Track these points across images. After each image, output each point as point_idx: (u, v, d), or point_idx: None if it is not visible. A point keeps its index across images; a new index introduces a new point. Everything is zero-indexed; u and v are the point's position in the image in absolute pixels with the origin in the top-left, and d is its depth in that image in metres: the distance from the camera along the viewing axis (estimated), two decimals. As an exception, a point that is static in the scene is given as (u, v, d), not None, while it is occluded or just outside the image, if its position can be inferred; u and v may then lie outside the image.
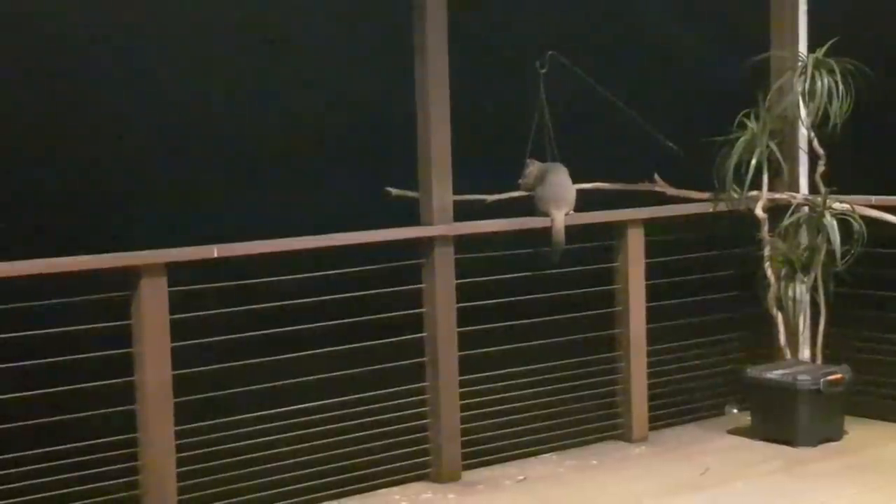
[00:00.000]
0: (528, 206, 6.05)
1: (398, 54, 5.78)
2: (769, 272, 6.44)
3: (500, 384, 5.91)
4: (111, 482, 4.85)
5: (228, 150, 7.38)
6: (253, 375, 5.16)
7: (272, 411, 5.26)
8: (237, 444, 5.17)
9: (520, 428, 5.99)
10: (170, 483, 4.94)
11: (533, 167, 6.10)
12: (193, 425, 5.02)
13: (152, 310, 4.88)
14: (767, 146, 6.39)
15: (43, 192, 6.77)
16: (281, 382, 5.23)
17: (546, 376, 6.05)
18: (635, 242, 6.21)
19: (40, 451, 4.72)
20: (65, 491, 4.75)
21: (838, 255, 6.18)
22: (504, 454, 5.95)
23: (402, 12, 5.61)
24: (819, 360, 6.42)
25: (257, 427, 5.24)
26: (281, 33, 7.30)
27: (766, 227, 6.46)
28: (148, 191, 7.11)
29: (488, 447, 5.88)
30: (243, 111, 7.34)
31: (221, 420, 5.13)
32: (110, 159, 6.99)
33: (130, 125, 7.04)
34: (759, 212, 6.45)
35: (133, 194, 7.09)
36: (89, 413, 4.79)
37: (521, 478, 5.76)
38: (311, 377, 5.30)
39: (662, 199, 6.48)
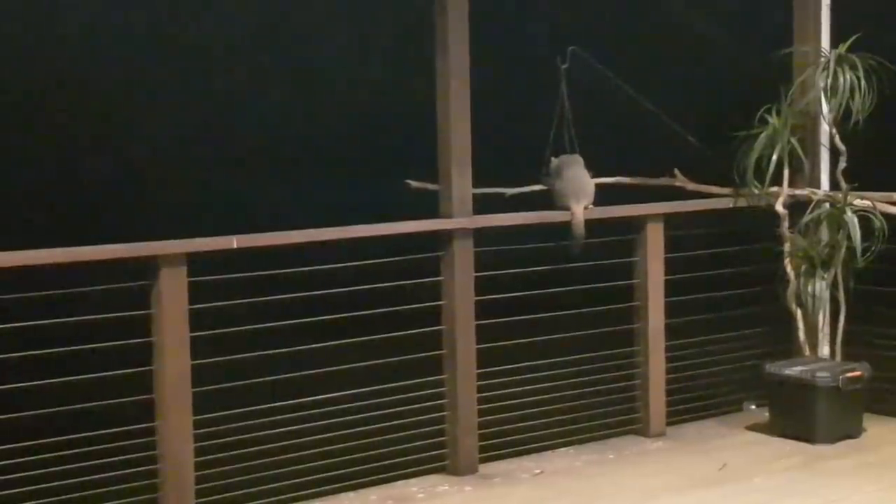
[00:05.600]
0: (549, 200, 6.04)
1: (420, 44, 5.77)
2: (789, 268, 6.42)
3: (517, 377, 5.91)
4: (129, 470, 4.87)
5: (250, 143, 7.39)
6: (271, 366, 5.16)
7: (290, 402, 5.27)
8: (255, 434, 5.18)
9: (537, 421, 5.99)
10: (188, 472, 4.95)
11: (553, 162, 6.11)
12: (212, 415, 5.03)
13: (172, 299, 4.89)
14: (789, 142, 6.37)
15: (63, 182, 6.80)
16: (299, 373, 5.24)
17: (564, 370, 6.04)
18: (655, 237, 6.20)
19: (59, 439, 4.74)
20: (83, 479, 4.77)
21: (859, 251, 6.15)
22: (521, 447, 5.95)
23: (423, 1, 5.60)
24: (838, 357, 6.40)
25: (275, 418, 5.24)
26: (300, 26, 7.31)
27: (786, 223, 6.44)
28: (168, 182, 7.14)
29: (505, 440, 5.88)
30: (264, 104, 7.35)
31: (240, 410, 5.14)
32: (135, 151, 7.02)
33: (153, 118, 7.07)
34: (779, 208, 6.43)
35: (154, 185, 7.11)
36: (108, 402, 4.80)
37: (538, 471, 5.76)
38: (329, 368, 5.30)
39: (683, 194, 6.46)
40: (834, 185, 6.48)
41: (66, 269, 4.78)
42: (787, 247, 6.43)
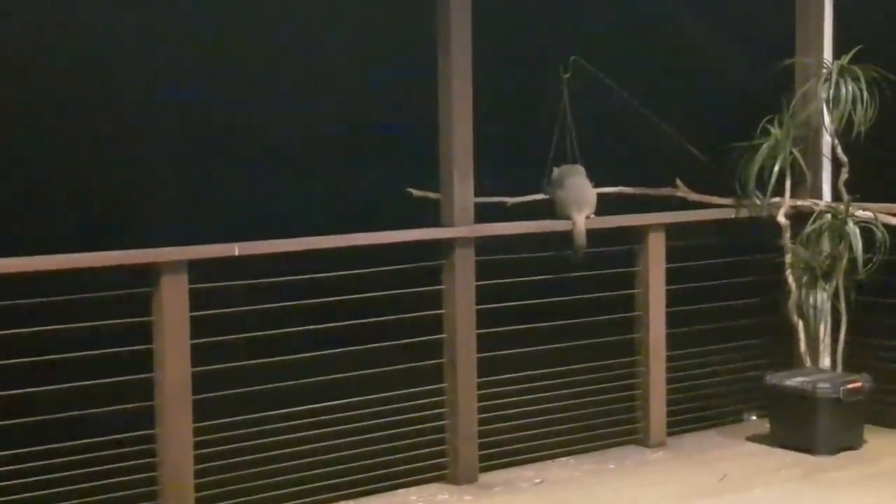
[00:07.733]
0: (550, 209, 6.04)
1: (421, 51, 5.77)
2: (790, 279, 6.42)
3: (518, 386, 5.91)
4: (129, 477, 4.87)
5: (249, 150, 7.39)
6: (271, 374, 5.16)
7: (291, 410, 5.27)
8: (255, 441, 5.17)
9: (537, 431, 5.99)
10: (187, 480, 4.95)
11: (555, 171, 6.11)
12: (212, 422, 5.03)
13: (173, 307, 4.89)
14: (790, 152, 6.37)
15: (65, 190, 6.79)
16: (299, 381, 5.23)
17: (564, 379, 6.04)
18: (656, 247, 6.20)
19: (59, 445, 4.73)
20: (83, 485, 4.77)
21: (860, 263, 6.15)
22: (521, 457, 5.94)
23: (425, 7, 5.59)
24: (839, 369, 6.40)
25: (275, 425, 5.24)
26: (300, 29, 7.30)
27: (787, 234, 6.44)
28: (169, 190, 7.13)
29: (506, 449, 5.88)
30: (264, 110, 7.34)
31: (240, 418, 5.14)
32: (135, 158, 7.02)
33: (152, 124, 7.06)
34: (781, 218, 6.43)
35: (154, 193, 7.11)
36: (108, 408, 4.80)
37: (538, 481, 5.76)
38: (330, 377, 5.30)
39: (684, 205, 6.46)
40: (836, 196, 6.48)
41: (66, 275, 4.78)
42: (788, 257, 6.43)
